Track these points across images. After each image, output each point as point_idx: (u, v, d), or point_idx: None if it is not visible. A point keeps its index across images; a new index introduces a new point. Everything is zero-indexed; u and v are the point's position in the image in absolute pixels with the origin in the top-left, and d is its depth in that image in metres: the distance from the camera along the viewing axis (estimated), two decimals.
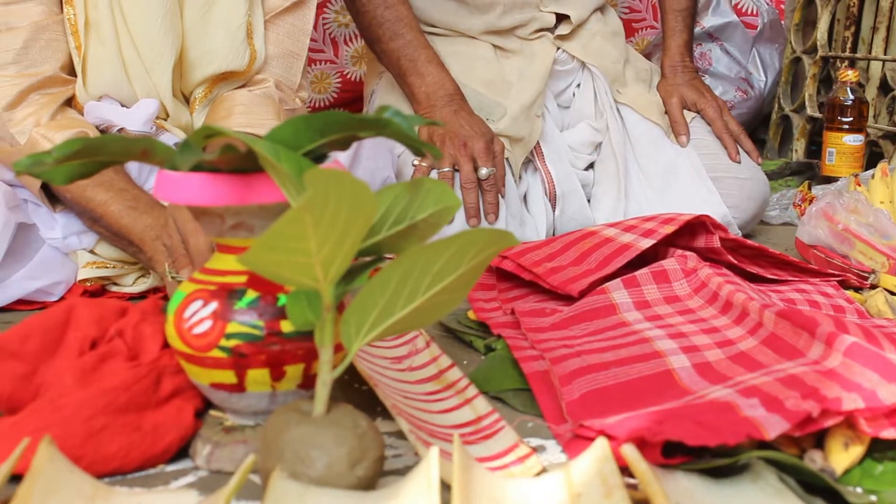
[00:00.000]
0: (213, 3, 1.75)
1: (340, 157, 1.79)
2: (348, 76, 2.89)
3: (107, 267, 1.70)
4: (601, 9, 2.17)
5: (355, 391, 1.26)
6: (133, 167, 1.69)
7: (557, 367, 1.23)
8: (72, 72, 1.71)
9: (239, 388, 1.04)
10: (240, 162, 0.99)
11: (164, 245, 1.52)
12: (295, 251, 0.87)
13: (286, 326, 1.02)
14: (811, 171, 2.55)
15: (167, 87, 1.73)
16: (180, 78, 1.77)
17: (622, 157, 2.06)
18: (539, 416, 1.19)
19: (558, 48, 2.11)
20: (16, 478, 0.96)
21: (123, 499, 0.92)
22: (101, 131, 1.69)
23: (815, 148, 2.82)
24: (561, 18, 2.11)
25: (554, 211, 2.04)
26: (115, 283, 1.73)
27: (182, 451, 1.09)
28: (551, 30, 2.10)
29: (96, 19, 1.67)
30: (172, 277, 1.44)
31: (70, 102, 1.71)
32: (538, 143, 2.04)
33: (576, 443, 1.09)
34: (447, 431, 1.13)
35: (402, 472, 1.06)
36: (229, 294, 1.03)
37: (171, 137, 1.74)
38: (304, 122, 1.02)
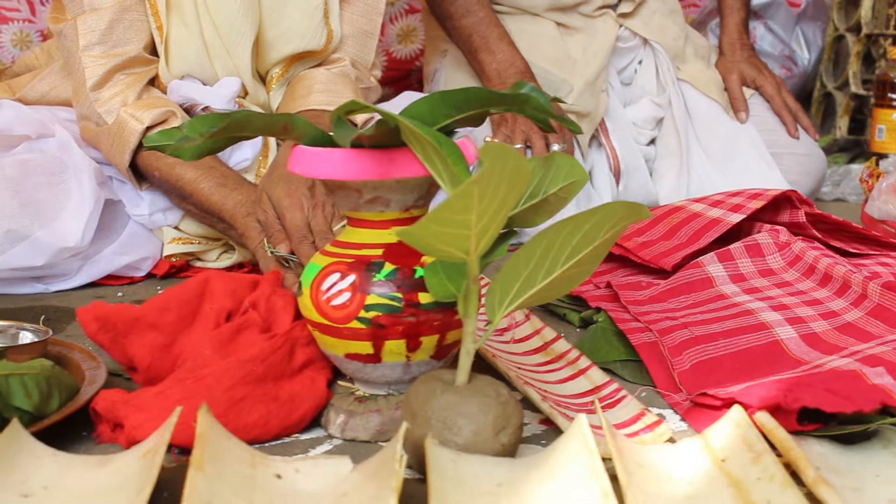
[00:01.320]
0: None
1: None
2: (394, 54, 2.90)
3: (191, 243, 1.72)
4: None
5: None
6: None
7: (666, 339, 1.25)
8: (153, 52, 1.73)
9: (375, 358, 1.07)
10: (378, 137, 1.01)
11: (257, 221, 1.54)
12: (458, 224, 0.90)
13: (423, 298, 1.05)
14: (859, 148, 2.58)
15: (247, 66, 1.75)
16: (257, 57, 1.79)
17: (684, 133, 2.08)
18: (649, 386, 1.22)
19: (620, 25, 2.12)
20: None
21: (281, 465, 0.95)
22: (185, 110, 1.71)
23: (854, 125, 2.84)
24: None
25: (618, 186, 2.06)
26: (199, 259, 1.75)
27: (313, 421, 1.12)
28: (613, 7, 2.12)
29: (178, 1, 1.69)
30: (272, 253, 1.47)
31: (153, 82, 1.72)
32: (602, 118, 2.07)
33: (696, 411, 1.12)
34: (568, 401, 1.16)
35: (531, 440, 1.08)
36: (367, 267, 1.05)
37: None
38: (440, 98, 1.04)
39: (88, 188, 1.63)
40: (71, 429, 1.08)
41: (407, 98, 1.95)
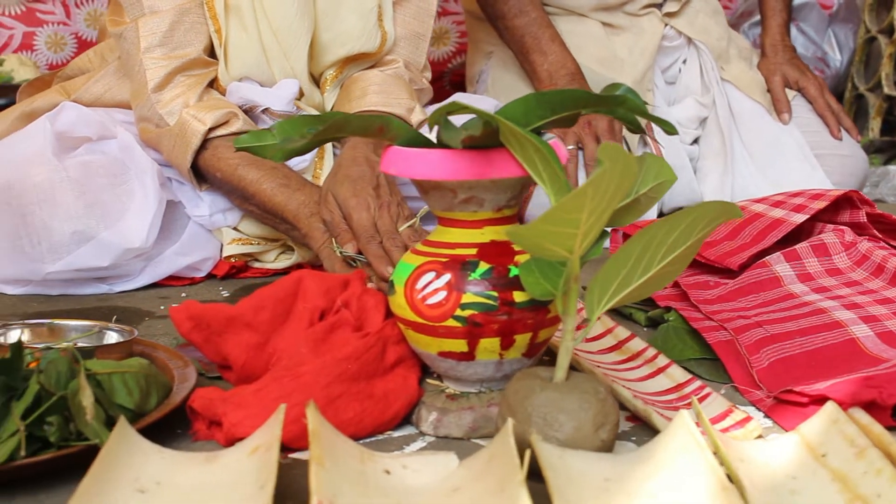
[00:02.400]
0: None
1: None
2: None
3: (251, 244, 1.74)
4: None
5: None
6: None
7: (742, 337, 1.27)
8: (211, 54, 1.75)
9: (469, 356, 1.08)
10: (480, 138, 1.02)
11: (322, 221, 1.55)
12: (568, 223, 0.91)
13: (518, 296, 1.06)
14: (894, 150, 2.59)
15: (303, 68, 1.77)
16: (311, 60, 1.80)
17: (728, 133, 2.10)
18: (726, 383, 1.23)
19: (665, 24, 2.14)
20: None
21: (388, 461, 0.96)
22: (245, 111, 1.72)
23: (886, 127, 2.86)
24: None
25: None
26: (257, 260, 1.77)
27: (404, 418, 1.13)
28: (659, 6, 2.14)
29: (237, 4, 1.71)
30: (340, 252, 1.48)
31: (211, 84, 1.74)
32: None
33: (781, 408, 1.13)
34: (652, 398, 1.17)
35: (621, 437, 1.10)
36: (462, 266, 1.07)
37: None
38: (535, 100, 1.06)
39: (152, 189, 1.64)
40: (166, 426, 1.09)
41: (461, 99, 1.96)
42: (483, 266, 1.07)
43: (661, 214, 2.03)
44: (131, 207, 1.64)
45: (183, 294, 1.65)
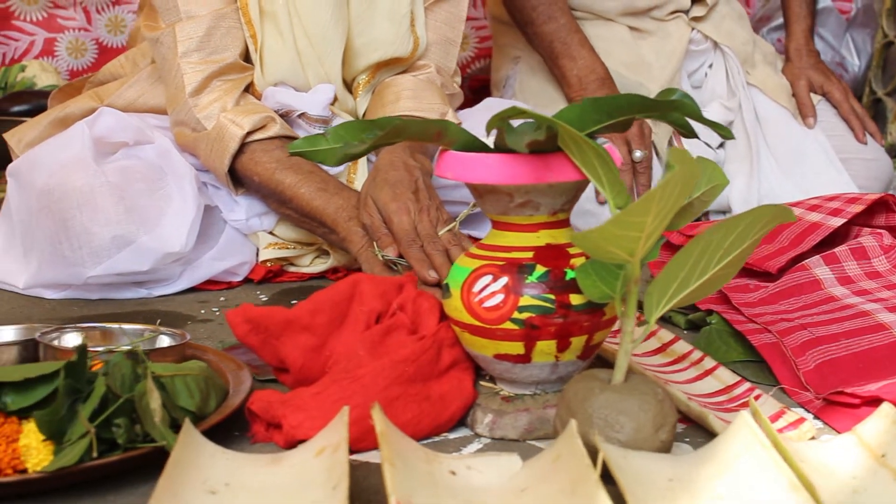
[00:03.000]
0: None
1: None
2: None
3: (287, 248, 1.75)
4: None
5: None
6: None
7: (787, 339, 1.28)
8: (246, 59, 1.76)
9: (525, 358, 1.09)
10: (543, 143, 1.03)
11: (361, 225, 1.57)
12: (633, 226, 0.93)
13: (575, 299, 1.07)
14: None
15: (337, 73, 1.78)
16: (344, 65, 1.81)
17: (754, 137, 2.11)
18: (772, 385, 1.24)
19: (692, 28, 2.15)
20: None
21: (451, 462, 0.97)
22: (281, 115, 1.73)
23: None
24: (694, 1, 2.16)
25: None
26: (292, 264, 1.77)
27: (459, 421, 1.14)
28: (685, 11, 2.15)
29: (273, 10, 1.72)
30: (382, 256, 1.49)
31: (247, 88, 1.75)
32: None
33: (832, 409, 1.15)
34: (703, 400, 1.18)
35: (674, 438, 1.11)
36: (519, 269, 1.08)
37: (340, 122, 1.79)
38: (591, 105, 1.07)
39: (191, 193, 1.65)
40: (223, 429, 1.10)
41: (490, 104, 1.97)
42: (540, 269, 1.08)
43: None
44: (169, 212, 1.65)
45: (222, 298, 1.66)
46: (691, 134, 1.11)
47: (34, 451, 0.98)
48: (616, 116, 1.07)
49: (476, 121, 1.47)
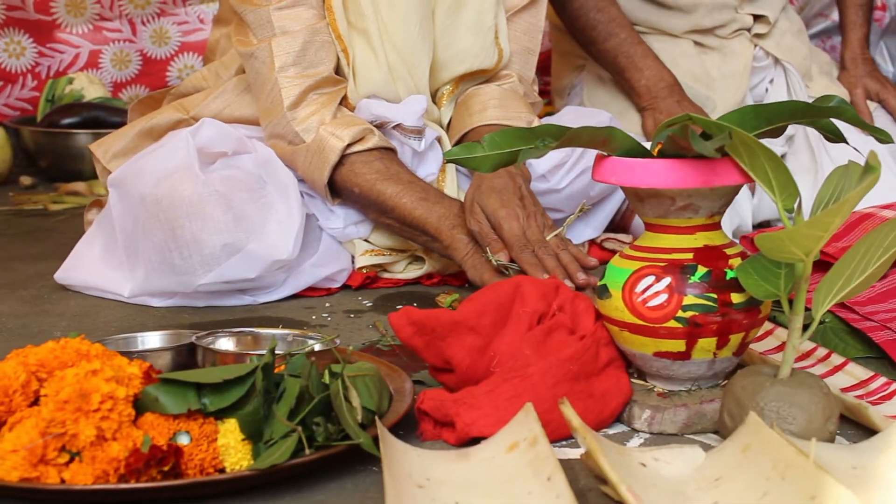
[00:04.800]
0: (461, 6, 1.83)
1: (591, 154, 1.87)
2: None
3: (382, 254, 1.78)
4: (784, 7, 2.27)
5: None
6: (405, 158, 1.77)
7: None
8: (337, 72, 1.79)
9: (685, 355, 1.13)
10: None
11: (466, 232, 1.61)
12: (822, 226, 0.97)
13: (735, 298, 1.12)
14: None
15: (426, 85, 1.82)
16: (430, 76, 1.85)
17: (817, 149, 2.16)
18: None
19: (755, 45, 2.20)
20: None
21: (638, 454, 1.01)
22: (377, 127, 1.76)
23: None
24: (756, 18, 2.21)
25: (752, 198, 2.13)
26: (386, 270, 1.81)
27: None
28: (748, 29, 2.20)
29: (363, 26, 1.75)
30: (496, 262, 1.53)
31: (341, 101, 1.78)
32: None
33: None
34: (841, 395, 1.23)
35: None
36: (682, 269, 1.12)
37: (432, 132, 1.83)
38: (752, 111, 1.12)
39: (296, 202, 1.68)
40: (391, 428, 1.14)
41: (569, 113, 2.01)
42: (701, 269, 1.12)
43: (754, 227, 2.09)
44: (272, 220, 1.67)
45: (327, 304, 1.69)
46: (840, 139, 1.16)
47: (233, 451, 1.01)
48: (775, 122, 1.11)
49: None
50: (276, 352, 1.10)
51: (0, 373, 1.02)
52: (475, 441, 1.10)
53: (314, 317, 1.62)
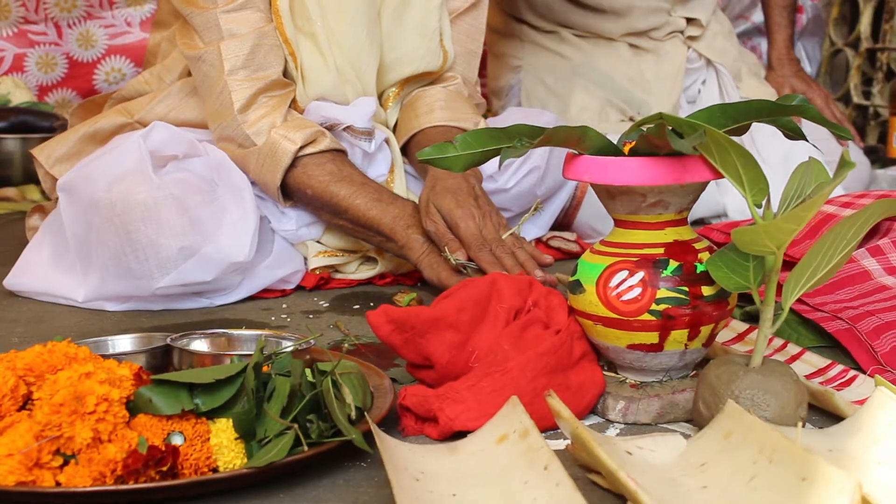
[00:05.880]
0: (406, 8, 1.86)
1: (537, 153, 1.91)
2: None
3: (335, 255, 1.80)
4: (715, 10, 2.34)
5: None
6: (355, 160, 1.79)
7: (860, 325, 1.38)
8: (285, 75, 1.80)
9: (657, 347, 1.17)
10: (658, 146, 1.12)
11: (421, 232, 1.63)
12: (800, 220, 1.01)
13: (706, 291, 1.16)
14: (875, 154, 2.77)
15: (373, 88, 1.84)
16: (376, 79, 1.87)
17: (748, 146, 2.23)
18: (852, 368, 1.35)
19: (689, 48, 2.27)
20: None
21: (621, 443, 1.04)
22: (327, 128, 1.78)
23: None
24: (689, 21, 2.27)
25: None
26: (338, 271, 1.82)
27: None
28: (682, 31, 2.26)
29: (311, 30, 1.77)
30: (455, 261, 1.56)
31: (291, 104, 1.79)
32: None
33: None
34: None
35: None
36: (654, 264, 1.16)
37: (381, 133, 1.85)
38: (719, 110, 1.16)
39: (250, 204, 1.69)
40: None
41: (513, 113, 2.05)
42: (673, 263, 1.16)
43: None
44: (225, 222, 1.68)
45: (284, 305, 1.70)
46: (800, 136, 1.21)
47: (226, 450, 1.02)
48: (742, 121, 1.16)
49: None
50: (243, 353, 1.11)
51: None
52: (457, 436, 1.12)
53: (273, 318, 1.63)
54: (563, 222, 2.06)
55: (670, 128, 1.10)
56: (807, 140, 1.22)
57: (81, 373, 1.00)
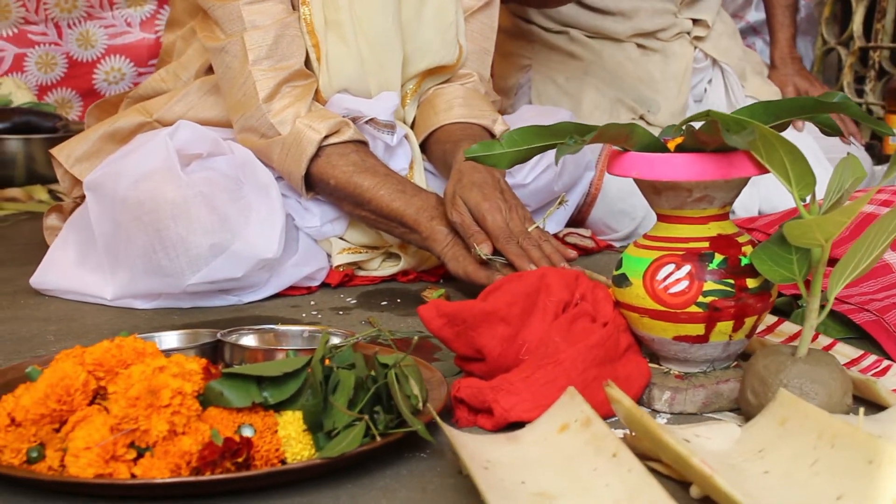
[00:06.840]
0: (424, 1, 1.87)
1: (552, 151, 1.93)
2: None
3: (358, 252, 1.82)
4: (719, 11, 2.38)
5: None
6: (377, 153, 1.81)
7: (887, 317, 1.42)
8: (307, 66, 1.82)
9: (703, 339, 1.20)
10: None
11: (445, 224, 1.65)
12: (851, 213, 1.05)
13: (750, 283, 1.19)
14: (871, 151, 2.82)
15: (397, 80, 1.86)
16: None
17: None
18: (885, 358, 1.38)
19: (695, 48, 2.31)
20: None
21: (681, 431, 1.07)
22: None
23: None
24: (695, 22, 2.31)
25: None
26: (362, 268, 1.84)
27: None
28: (688, 32, 2.30)
29: (337, 19, 1.78)
30: (482, 254, 1.58)
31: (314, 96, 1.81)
32: None
33: None
34: None
35: None
36: (700, 257, 1.19)
37: (400, 129, 1.87)
38: (762, 107, 1.19)
39: (277, 201, 1.71)
40: None
41: (527, 111, 2.07)
42: (718, 257, 1.19)
43: None
44: (252, 220, 1.69)
45: (312, 302, 1.71)
46: (838, 133, 1.24)
47: (294, 441, 1.04)
48: (784, 118, 1.19)
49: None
50: (307, 347, 1.13)
51: (60, 372, 1.03)
52: (510, 427, 1.15)
53: (304, 314, 1.65)
54: (578, 219, 2.09)
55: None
56: (843, 136, 1.25)
57: (154, 367, 1.01)
